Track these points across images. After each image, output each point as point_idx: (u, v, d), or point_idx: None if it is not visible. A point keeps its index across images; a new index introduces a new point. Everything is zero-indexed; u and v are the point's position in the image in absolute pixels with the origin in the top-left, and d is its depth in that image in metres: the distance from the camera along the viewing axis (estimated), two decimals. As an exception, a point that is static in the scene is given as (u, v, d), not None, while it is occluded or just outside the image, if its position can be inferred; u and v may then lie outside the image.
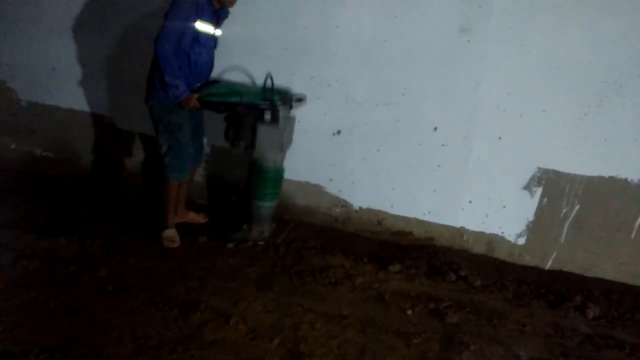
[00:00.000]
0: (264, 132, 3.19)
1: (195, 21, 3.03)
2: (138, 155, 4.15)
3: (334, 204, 3.76)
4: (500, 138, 3.30)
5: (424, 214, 3.58)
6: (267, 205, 3.41)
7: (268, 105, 3.13)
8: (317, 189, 3.75)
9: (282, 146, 3.26)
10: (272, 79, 3.21)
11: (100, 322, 2.52)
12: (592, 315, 2.93)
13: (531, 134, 3.23)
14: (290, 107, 3.35)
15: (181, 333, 2.48)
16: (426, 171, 3.49)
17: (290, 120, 3.38)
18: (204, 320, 2.59)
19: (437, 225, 3.57)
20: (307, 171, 3.70)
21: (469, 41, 3.20)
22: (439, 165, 3.46)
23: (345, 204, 3.74)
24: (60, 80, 4.17)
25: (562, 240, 3.34)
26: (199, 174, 3.89)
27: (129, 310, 2.63)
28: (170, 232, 3.35)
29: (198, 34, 3.08)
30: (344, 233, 3.72)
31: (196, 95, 3.12)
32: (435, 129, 3.40)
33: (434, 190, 3.51)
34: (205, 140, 3.69)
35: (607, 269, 3.30)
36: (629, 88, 3.00)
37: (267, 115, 3.13)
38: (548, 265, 3.41)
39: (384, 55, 3.37)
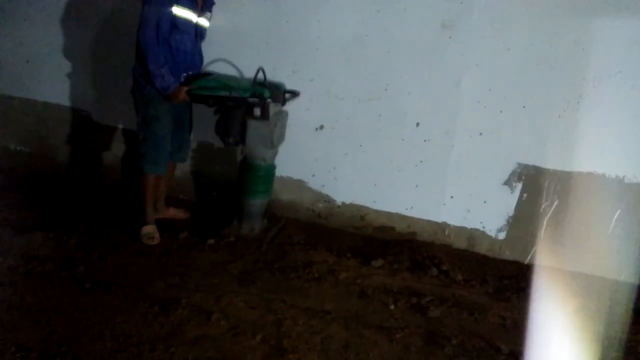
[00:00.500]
0: (253, 128, 3.12)
1: (171, 6, 2.96)
2: (117, 149, 4.08)
3: (317, 200, 3.75)
4: (481, 134, 3.33)
5: (406, 209, 3.59)
6: (258, 203, 3.36)
7: (257, 100, 3.07)
8: (300, 184, 3.74)
9: (273, 142, 3.20)
10: (264, 73, 3.16)
11: (78, 319, 2.47)
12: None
13: (511, 130, 3.27)
14: (283, 103, 3.31)
15: (162, 330, 2.45)
16: (408, 166, 3.50)
17: (282, 116, 3.33)
18: (185, 317, 2.55)
19: (419, 221, 3.59)
20: (289, 166, 3.68)
21: (450, 37, 3.21)
22: (421, 161, 3.47)
23: (328, 199, 3.73)
24: (35, 73, 4.08)
25: (542, 235, 3.38)
26: (180, 170, 3.85)
27: (108, 308, 2.58)
28: (150, 229, 3.29)
29: (176, 19, 3.01)
30: (327, 228, 3.71)
31: (185, 88, 3.06)
32: (418, 124, 3.41)
33: (416, 186, 3.53)
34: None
35: (586, 263, 3.35)
36: (608, 86, 3.05)
37: (257, 111, 3.07)
38: (528, 259, 3.46)
39: (366, 51, 3.37)
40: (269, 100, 3.08)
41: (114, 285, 2.76)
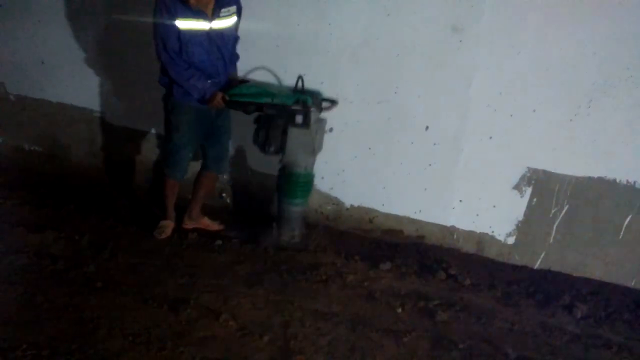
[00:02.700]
0: (295, 136, 3.10)
1: (173, 20, 2.84)
2: (129, 150, 4.11)
3: (326, 202, 3.76)
4: (491, 138, 3.31)
5: (415, 213, 3.58)
6: (298, 210, 3.33)
7: (300, 108, 3.04)
8: (309, 187, 3.75)
9: (314, 150, 3.19)
10: (302, 81, 3.14)
11: (88, 318, 2.51)
12: (580, 314, 2.95)
13: (521, 134, 3.25)
14: (320, 110, 3.29)
15: (171, 329, 2.48)
16: (417, 170, 3.49)
17: (321, 124, 3.32)
18: (194, 316, 2.58)
19: (427, 224, 3.58)
20: (298, 169, 3.69)
21: (460, 41, 3.20)
22: (430, 164, 3.46)
23: (336, 202, 3.74)
24: (49, 74, 4.13)
25: (551, 240, 3.36)
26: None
27: (118, 307, 2.61)
28: (165, 223, 3.38)
29: (181, 34, 2.88)
30: (335, 231, 3.71)
31: (220, 94, 2.98)
32: (427, 128, 3.41)
33: (425, 189, 3.52)
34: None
35: (595, 269, 3.32)
36: (618, 90, 3.02)
37: (299, 118, 3.04)
38: (537, 264, 3.43)
39: (375, 54, 3.37)
40: (312, 108, 3.04)
41: (123, 284, 2.79)
